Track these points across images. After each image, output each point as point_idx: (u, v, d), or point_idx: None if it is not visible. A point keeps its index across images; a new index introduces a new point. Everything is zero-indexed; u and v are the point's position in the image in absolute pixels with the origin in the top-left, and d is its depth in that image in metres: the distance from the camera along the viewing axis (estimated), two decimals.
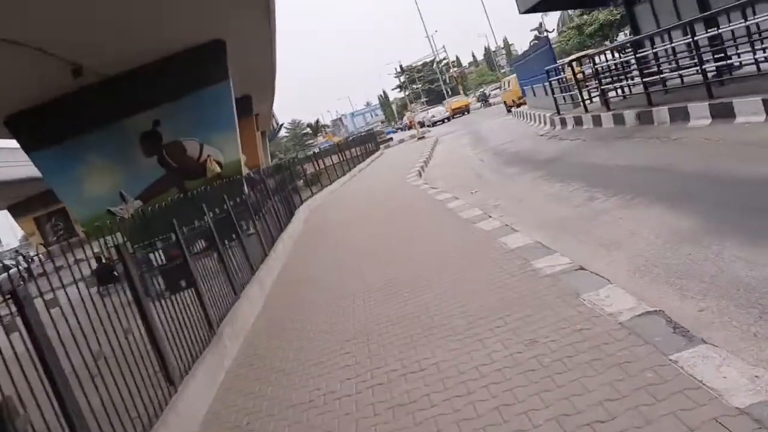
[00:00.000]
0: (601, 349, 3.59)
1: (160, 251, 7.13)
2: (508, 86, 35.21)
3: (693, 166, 7.80)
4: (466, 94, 75.20)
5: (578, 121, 15.48)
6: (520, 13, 17.65)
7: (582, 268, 5.08)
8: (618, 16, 43.27)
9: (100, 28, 11.49)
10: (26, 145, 15.80)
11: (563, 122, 16.73)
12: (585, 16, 47.13)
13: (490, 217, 8.47)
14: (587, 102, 15.64)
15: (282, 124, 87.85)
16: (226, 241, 8.48)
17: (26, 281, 3.82)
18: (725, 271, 4.38)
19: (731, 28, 10.05)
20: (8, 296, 3.50)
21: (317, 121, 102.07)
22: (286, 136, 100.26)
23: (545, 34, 70.40)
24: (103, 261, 6.28)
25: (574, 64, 15.64)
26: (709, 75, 10.21)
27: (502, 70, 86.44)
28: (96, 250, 5.86)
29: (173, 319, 5.38)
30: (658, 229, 5.78)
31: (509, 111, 33.30)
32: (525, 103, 29.86)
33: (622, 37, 41.79)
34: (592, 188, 8.51)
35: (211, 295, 6.75)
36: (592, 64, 14.75)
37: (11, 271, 4.02)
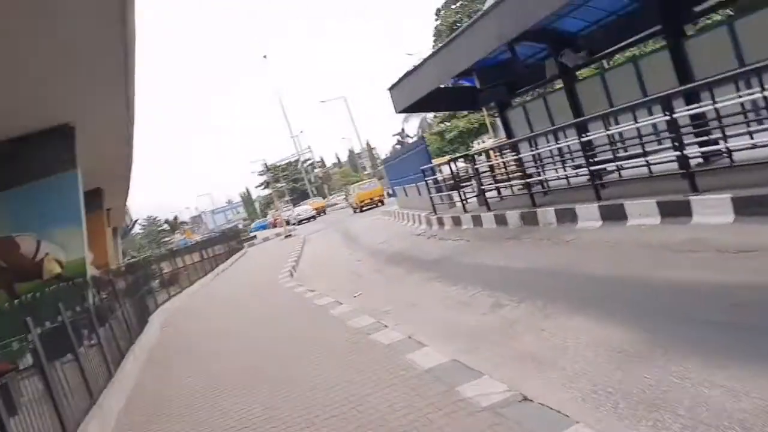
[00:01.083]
0: None
1: None
2: (351, 193, 45.54)
3: (600, 270, 7.30)
4: (331, 194, 76.72)
5: (457, 221, 15.19)
6: (397, 112, 17.69)
7: (527, 399, 4.12)
8: (476, 125, 46.02)
9: None
10: None
11: (440, 222, 16.41)
12: (446, 123, 49.68)
13: (386, 326, 7.42)
14: (465, 202, 15.46)
15: (136, 221, 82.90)
16: (57, 362, 6.69)
17: None
18: (704, 403, 3.59)
19: (609, 132, 10.20)
20: None
21: (175, 218, 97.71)
22: (141, 233, 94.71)
23: (407, 139, 73.60)
24: None
25: (451, 164, 15.57)
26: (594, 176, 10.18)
27: (366, 172, 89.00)
28: None
29: None
30: (592, 344, 4.99)
31: (355, 212, 42.02)
32: (367, 206, 39.38)
33: (476, 145, 44.17)
34: (494, 293, 7.74)
35: None
36: (471, 165, 14.70)
37: None
